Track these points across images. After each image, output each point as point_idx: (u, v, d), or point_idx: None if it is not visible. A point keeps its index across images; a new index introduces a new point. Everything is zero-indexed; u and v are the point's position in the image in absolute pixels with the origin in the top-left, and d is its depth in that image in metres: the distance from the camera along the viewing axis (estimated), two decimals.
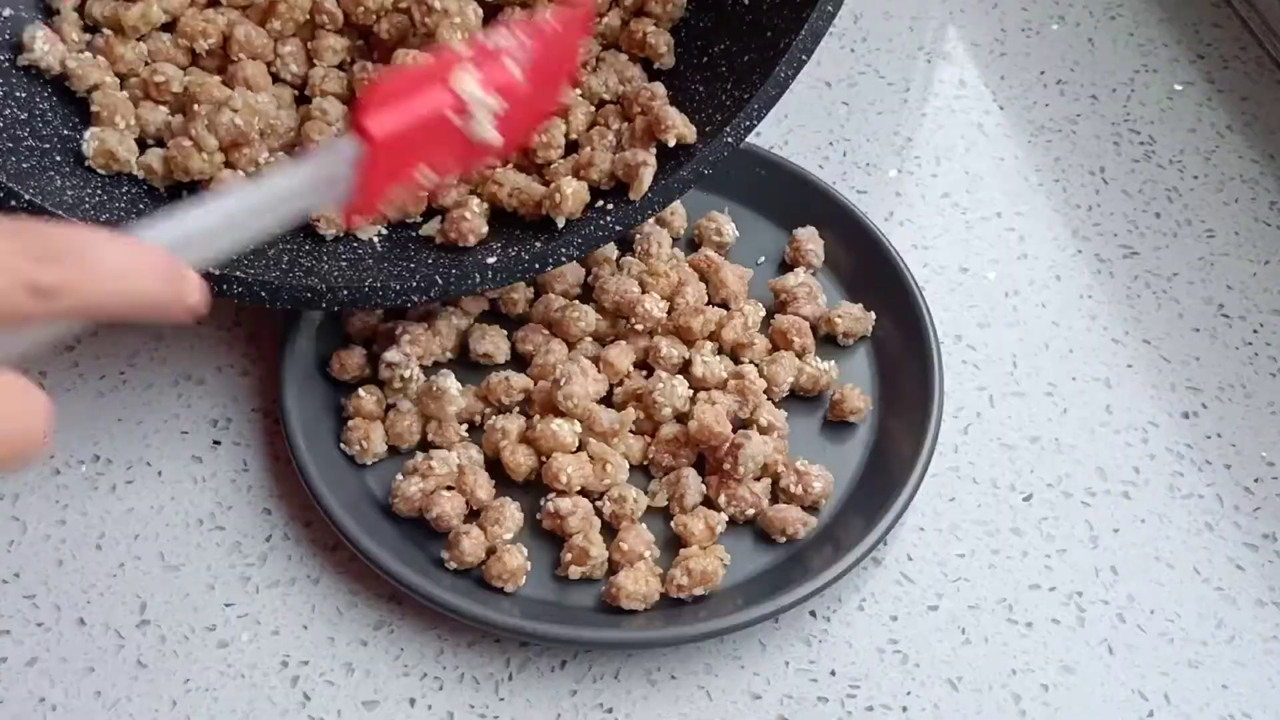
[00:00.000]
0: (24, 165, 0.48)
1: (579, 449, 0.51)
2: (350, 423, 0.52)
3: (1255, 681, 0.48)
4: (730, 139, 0.52)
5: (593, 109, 0.56)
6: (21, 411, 0.29)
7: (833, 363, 0.54)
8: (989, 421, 0.55)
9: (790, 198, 0.59)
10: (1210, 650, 0.49)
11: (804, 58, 0.51)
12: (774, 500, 0.51)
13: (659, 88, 0.55)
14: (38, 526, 0.51)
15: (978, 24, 0.73)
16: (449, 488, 0.49)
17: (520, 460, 0.50)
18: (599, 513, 0.50)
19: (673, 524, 0.50)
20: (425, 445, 0.52)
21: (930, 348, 0.54)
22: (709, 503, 0.50)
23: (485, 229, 0.53)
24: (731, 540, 0.50)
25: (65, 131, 0.52)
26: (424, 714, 0.46)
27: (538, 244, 0.52)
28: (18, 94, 0.51)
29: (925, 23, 0.72)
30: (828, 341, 0.56)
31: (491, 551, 0.48)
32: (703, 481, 0.50)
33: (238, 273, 0.49)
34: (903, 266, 0.57)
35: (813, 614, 0.49)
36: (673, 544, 0.50)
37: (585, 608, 0.48)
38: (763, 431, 0.51)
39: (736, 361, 0.54)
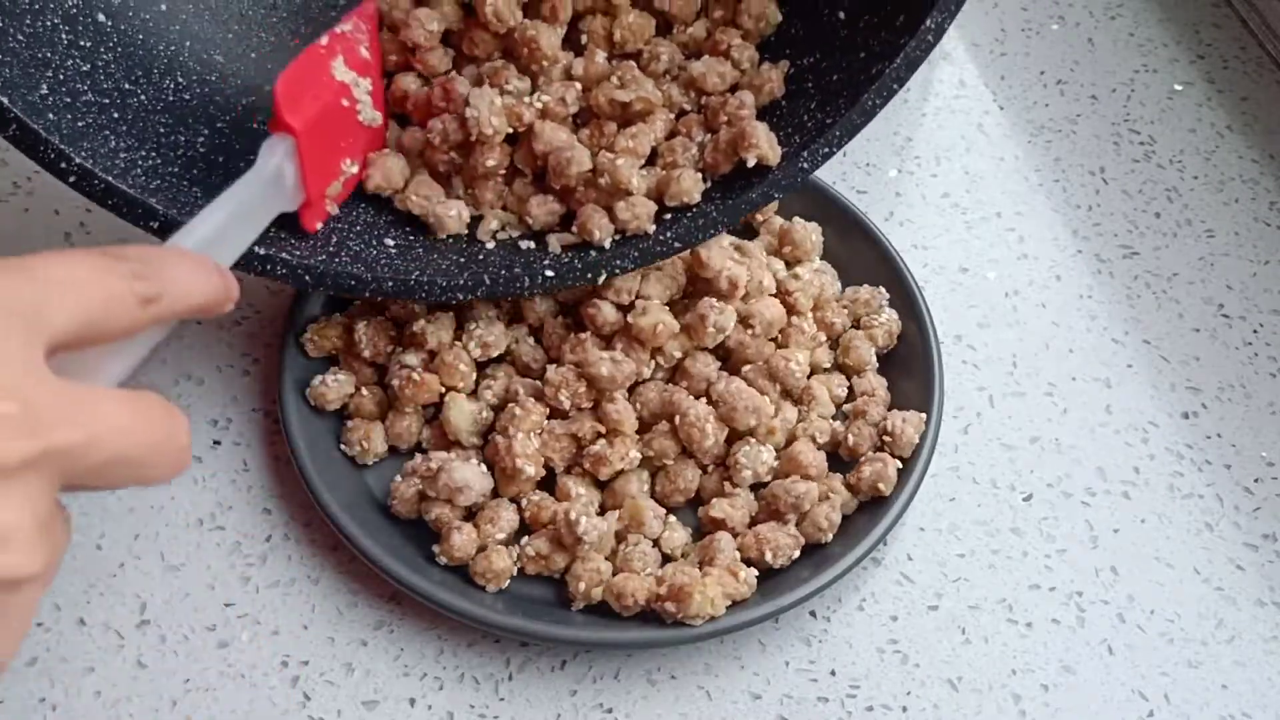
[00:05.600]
0: (79, 124, 0.44)
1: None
2: (350, 423, 0.51)
3: (1255, 681, 0.48)
4: (806, 164, 0.49)
5: (673, 118, 0.53)
6: (166, 425, 0.32)
7: (892, 312, 0.55)
8: (989, 421, 0.55)
9: (789, 198, 0.59)
10: (1210, 650, 0.49)
11: (895, 87, 0.48)
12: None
13: (748, 97, 0.51)
14: None
15: (978, 24, 0.73)
16: None
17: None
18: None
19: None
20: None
21: (930, 348, 0.54)
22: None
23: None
24: None
25: (126, 85, 0.48)
26: (424, 714, 0.46)
27: (593, 252, 0.50)
28: (82, 43, 0.47)
29: None
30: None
31: (481, 550, 0.48)
32: (737, 543, 0.49)
33: (283, 254, 0.47)
34: (903, 266, 0.57)
35: (813, 614, 0.49)
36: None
37: (585, 608, 0.48)
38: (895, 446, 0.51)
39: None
